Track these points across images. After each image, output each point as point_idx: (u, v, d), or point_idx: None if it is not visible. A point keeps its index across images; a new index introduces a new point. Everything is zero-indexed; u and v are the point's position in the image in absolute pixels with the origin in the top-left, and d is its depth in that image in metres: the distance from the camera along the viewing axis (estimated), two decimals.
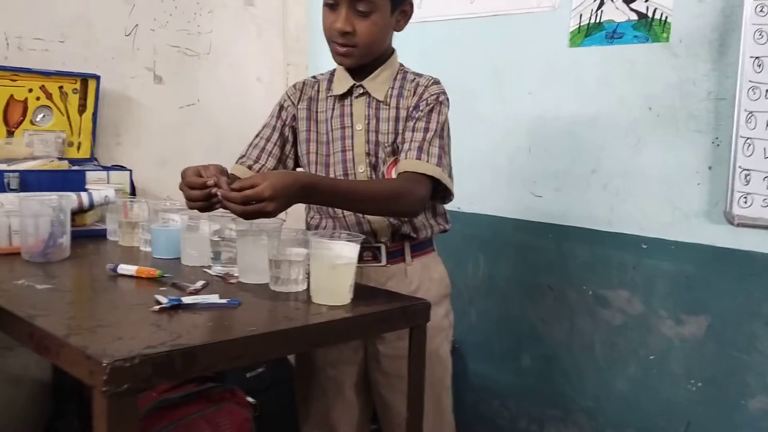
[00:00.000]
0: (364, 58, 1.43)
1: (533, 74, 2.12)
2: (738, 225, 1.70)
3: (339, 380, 1.54)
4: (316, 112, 1.53)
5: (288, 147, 1.54)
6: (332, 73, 1.54)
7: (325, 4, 1.40)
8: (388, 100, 1.47)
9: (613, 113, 1.95)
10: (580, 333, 2.04)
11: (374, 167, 1.47)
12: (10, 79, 1.94)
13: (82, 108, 2.07)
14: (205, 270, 1.38)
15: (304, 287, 1.24)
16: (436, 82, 1.48)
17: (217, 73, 2.42)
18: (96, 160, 2.11)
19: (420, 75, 1.50)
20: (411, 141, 1.40)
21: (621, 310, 1.96)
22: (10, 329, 1.08)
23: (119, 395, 0.85)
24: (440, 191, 1.43)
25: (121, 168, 2.02)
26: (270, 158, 1.52)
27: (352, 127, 1.47)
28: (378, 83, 1.47)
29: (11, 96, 1.94)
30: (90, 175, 1.90)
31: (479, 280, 2.27)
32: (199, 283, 1.24)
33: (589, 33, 1.99)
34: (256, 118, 2.51)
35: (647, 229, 1.90)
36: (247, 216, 1.17)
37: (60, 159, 1.98)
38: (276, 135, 1.54)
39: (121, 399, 0.85)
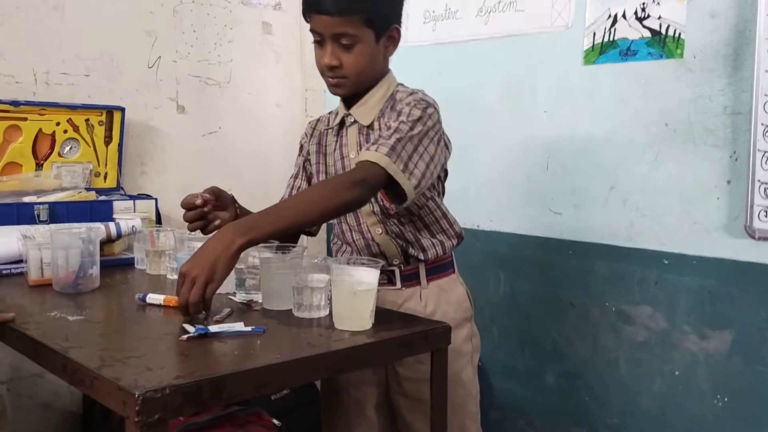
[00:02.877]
0: (355, 86, 1.45)
1: (548, 93, 2.14)
2: (759, 239, 1.70)
3: (361, 401, 1.56)
4: (325, 145, 1.57)
5: (313, 180, 1.60)
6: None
7: (314, 41, 1.44)
8: (374, 123, 1.48)
9: (629, 130, 1.96)
10: (604, 350, 2.04)
11: None
12: (39, 114, 2.00)
13: (108, 139, 2.13)
14: (230, 297, 1.41)
15: (327, 313, 1.27)
16: (412, 93, 1.45)
17: (237, 100, 2.48)
18: (122, 189, 2.17)
19: (404, 90, 1.48)
20: (376, 140, 1.35)
21: (644, 326, 1.95)
22: (44, 361, 1.12)
23: (151, 425, 0.87)
24: (396, 189, 1.35)
25: (147, 197, 2.07)
26: None
27: (348, 156, 1.51)
28: (366, 109, 1.48)
29: (40, 130, 2.01)
30: (117, 205, 1.95)
31: (500, 297, 2.28)
32: (225, 311, 1.27)
33: (603, 51, 2.00)
34: (277, 143, 2.58)
35: (668, 245, 1.90)
36: (191, 296, 1.16)
37: (87, 189, 2.04)
38: (300, 171, 1.62)
39: (153, 428, 0.88)
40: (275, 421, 1.87)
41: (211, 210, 1.40)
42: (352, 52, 1.40)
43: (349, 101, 1.51)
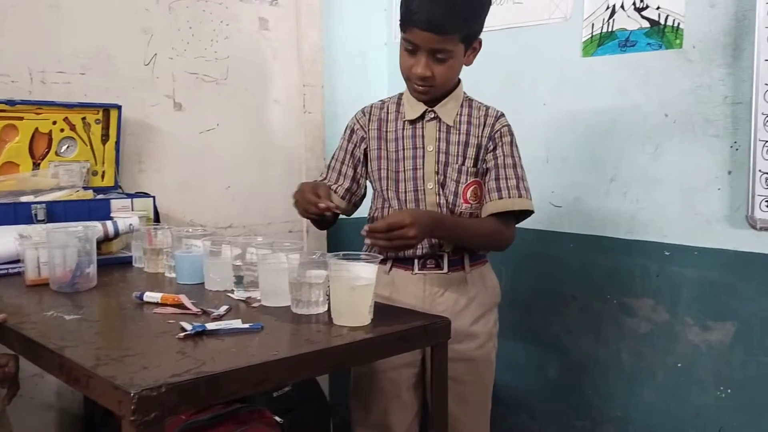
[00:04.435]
0: (439, 93, 1.55)
1: (547, 85, 2.13)
2: (761, 229, 1.69)
3: (397, 382, 1.61)
4: (386, 132, 1.62)
5: (360, 167, 1.65)
6: (399, 96, 1.64)
7: (405, 49, 1.48)
8: (458, 126, 1.57)
9: (629, 121, 1.95)
10: (606, 343, 2.03)
11: (442, 185, 1.56)
12: (35, 113, 1.98)
13: (105, 137, 2.11)
14: (228, 294, 1.40)
15: (325, 309, 1.26)
16: (503, 115, 1.60)
17: (234, 97, 2.46)
18: (120, 187, 2.15)
19: (486, 106, 1.61)
20: (506, 178, 1.55)
21: (646, 318, 1.94)
22: (41, 361, 1.11)
23: (147, 424, 0.87)
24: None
25: (145, 195, 2.06)
26: (345, 179, 1.64)
27: (423, 147, 1.57)
28: (447, 109, 1.58)
29: (36, 129, 1.99)
30: (115, 203, 1.93)
31: (502, 291, 2.25)
32: (223, 308, 1.26)
33: (602, 42, 1.99)
34: (275, 139, 2.56)
35: (669, 236, 1.89)
36: (392, 242, 1.34)
37: (85, 188, 2.02)
38: (348, 156, 1.65)
39: (149, 427, 0.87)
40: (277, 418, 1.86)
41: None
42: (445, 65, 1.48)
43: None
